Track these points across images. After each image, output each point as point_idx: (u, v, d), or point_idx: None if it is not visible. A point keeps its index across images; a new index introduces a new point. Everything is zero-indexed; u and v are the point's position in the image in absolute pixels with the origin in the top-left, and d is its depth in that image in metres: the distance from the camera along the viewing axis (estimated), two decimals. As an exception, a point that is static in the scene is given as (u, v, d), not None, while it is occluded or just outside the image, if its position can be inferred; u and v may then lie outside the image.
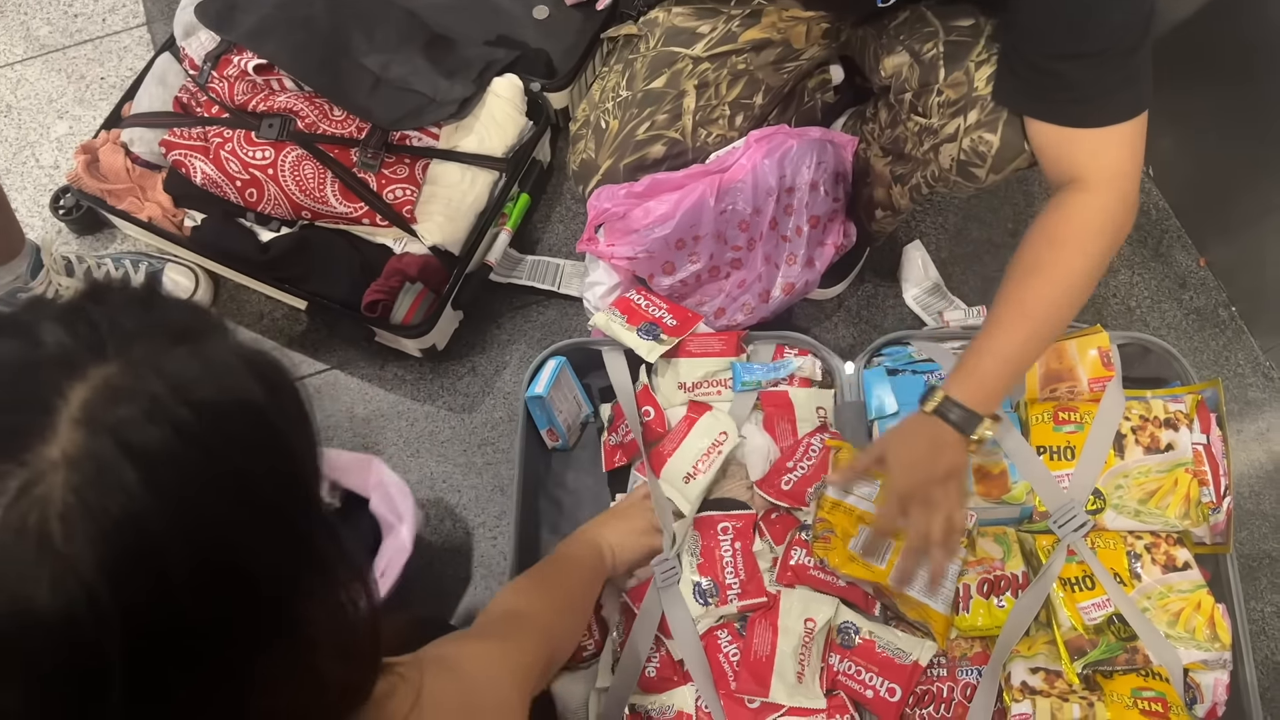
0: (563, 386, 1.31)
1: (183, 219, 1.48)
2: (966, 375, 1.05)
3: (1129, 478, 1.19)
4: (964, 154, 1.13)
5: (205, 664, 0.41)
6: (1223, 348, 1.47)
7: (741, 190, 1.27)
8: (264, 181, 1.40)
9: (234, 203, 1.44)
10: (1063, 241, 1.02)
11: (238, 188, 1.42)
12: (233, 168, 1.40)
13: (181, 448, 0.40)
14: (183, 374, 0.41)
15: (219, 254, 1.43)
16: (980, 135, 1.10)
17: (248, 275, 1.44)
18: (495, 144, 1.48)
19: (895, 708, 1.11)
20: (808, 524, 1.21)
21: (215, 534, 0.40)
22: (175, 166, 1.43)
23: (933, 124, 1.16)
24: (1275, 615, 1.32)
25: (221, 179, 1.41)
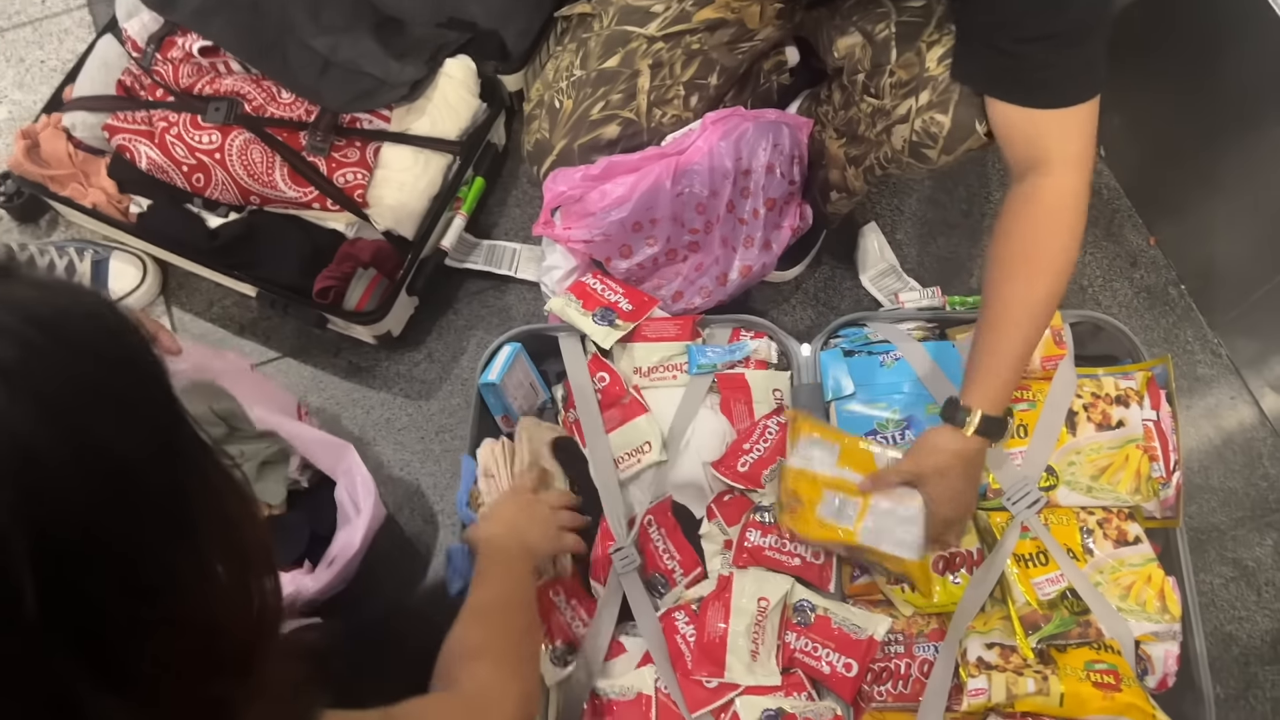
0: (517, 373, 1.31)
1: (128, 205, 1.45)
2: (988, 385, 1.06)
3: (1081, 454, 1.21)
4: (916, 135, 1.13)
5: (109, 562, 0.42)
6: (1172, 325, 1.50)
7: (698, 173, 1.27)
8: (211, 166, 1.38)
9: (180, 188, 1.41)
10: (1048, 231, 1.03)
11: (184, 173, 1.39)
12: (179, 152, 1.38)
13: (34, 355, 0.42)
14: (16, 297, 0.44)
15: (166, 241, 1.41)
16: (932, 116, 1.11)
17: (196, 262, 1.41)
18: (448, 127, 1.46)
19: (852, 683, 1.12)
20: (763, 505, 1.22)
21: (83, 423, 0.42)
22: (119, 151, 1.40)
23: (885, 105, 1.16)
24: (1224, 586, 1.35)
25: (167, 164, 1.38)
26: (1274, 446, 1.42)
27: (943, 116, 1.10)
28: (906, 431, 1.24)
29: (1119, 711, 1.04)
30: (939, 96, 1.10)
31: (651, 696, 1.14)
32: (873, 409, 1.26)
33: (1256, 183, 1.33)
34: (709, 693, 1.14)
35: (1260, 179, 1.32)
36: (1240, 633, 1.32)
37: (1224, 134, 1.35)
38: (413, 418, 1.46)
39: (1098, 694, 1.03)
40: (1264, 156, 1.30)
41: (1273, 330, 1.39)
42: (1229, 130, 1.34)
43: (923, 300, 1.43)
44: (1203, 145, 1.40)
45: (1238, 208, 1.38)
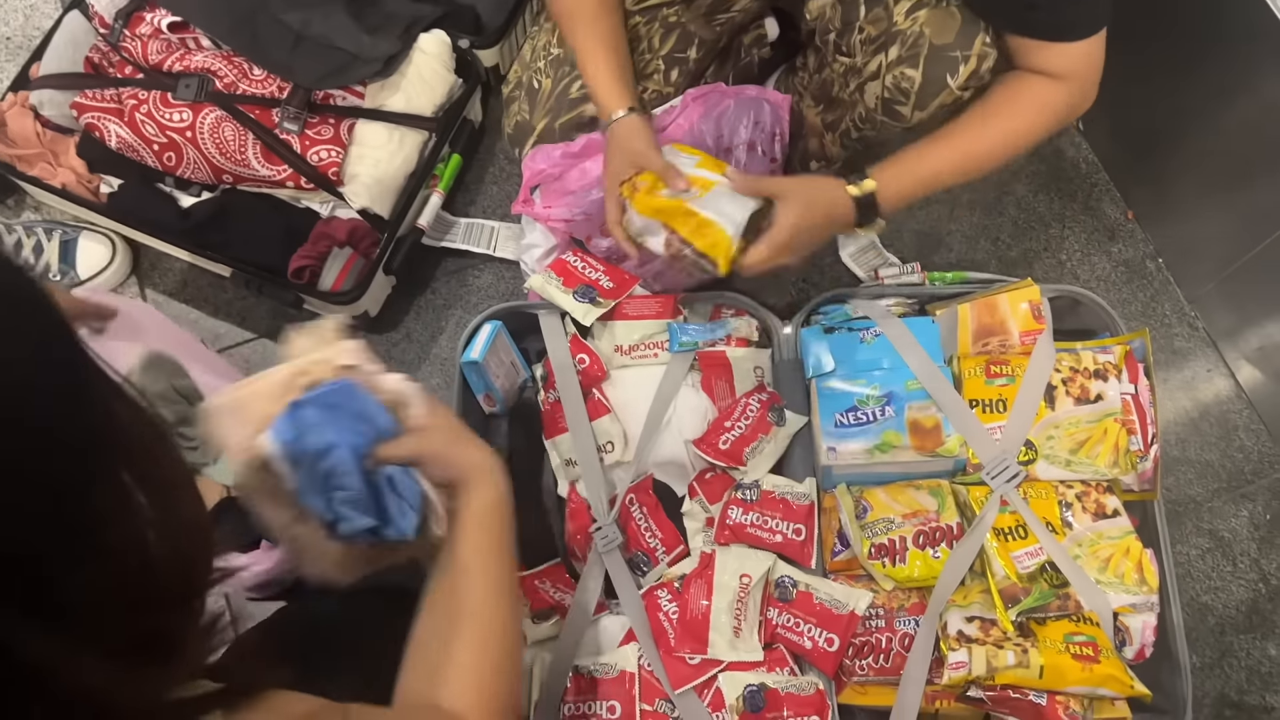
0: (498, 351, 1.30)
1: (98, 185, 1.43)
2: (895, 176, 1.09)
3: (1060, 428, 1.21)
4: (888, 91, 1.13)
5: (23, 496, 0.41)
6: (1150, 299, 1.51)
7: None
8: (182, 145, 1.36)
9: (152, 167, 1.39)
10: (1024, 103, 1.07)
11: (155, 151, 1.37)
12: (149, 130, 1.35)
13: None
14: None
15: (137, 221, 1.39)
16: (903, 71, 1.11)
17: (168, 242, 1.40)
18: (423, 103, 1.45)
19: (834, 657, 1.13)
20: (745, 483, 1.22)
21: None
22: (88, 130, 1.38)
23: (856, 63, 1.16)
24: (1200, 557, 1.37)
25: (137, 143, 1.36)
26: (1249, 419, 1.43)
27: (913, 71, 1.10)
28: (887, 407, 1.24)
29: (1098, 683, 1.05)
30: (908, 51, 1.09)
31: (635, 674, 1.15)
32: (853, 385, 1.26)
33: (1233, 157, 1.34)
34: (692, 669, 1.14)
35: (1236, 153, 1.33)
36: (1216, 602, 1.34)
37: (1200, 108, 1.36)
38: (392, 398, 1.45)
39: (1077, 666, 1.05)
40: (1239, 130, 1.31)
41: (1249, 303, 1.40)
42: (1205, 105, 1.35)
43: (903, 276, 1.44)
44: (1179, 119, 1.40)
45: (1215, 181, 1.39)
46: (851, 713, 1.18)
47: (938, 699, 1.14)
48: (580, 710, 1.13)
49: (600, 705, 1.13)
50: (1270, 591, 1.35)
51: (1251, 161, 1.31)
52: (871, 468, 1.23)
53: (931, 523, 1.19)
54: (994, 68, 1.09)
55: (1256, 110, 1.27)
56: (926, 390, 1.24)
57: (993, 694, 1.08)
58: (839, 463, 1.23)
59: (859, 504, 1.21)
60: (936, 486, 1.22)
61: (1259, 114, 1.26)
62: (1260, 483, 1.40)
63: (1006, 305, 1.27)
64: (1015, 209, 1.56)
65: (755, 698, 1.12)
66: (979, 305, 1.28)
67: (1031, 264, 1.52)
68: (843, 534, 1.20)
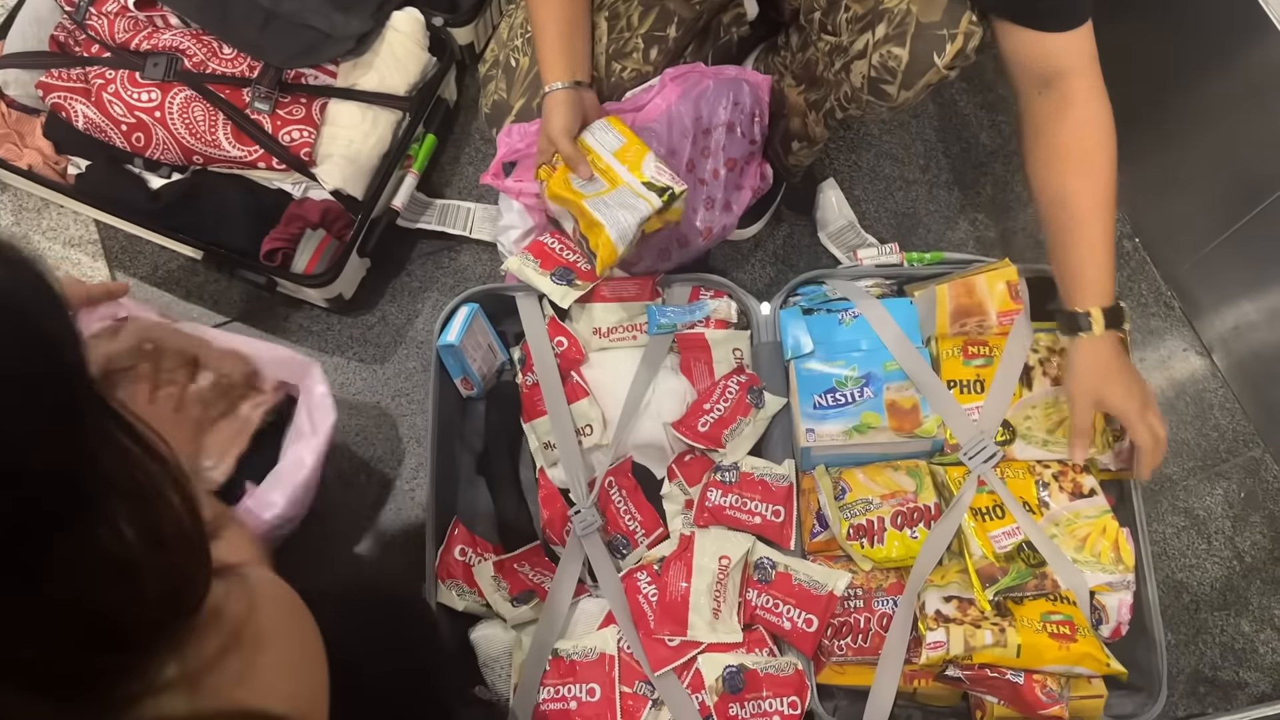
0: (476, 334, 1.29)
1: (65, 166, 1.41)
2: (1093, 280, 1.12)
3: (1037, 409, 1.22)
4: (874, 70, 1.12)
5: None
6: (1127, 278, 1.51)
7: (656, 131, 1.25)
8: (151, 125, 1.34)
9: (120, 148, 1.37)
10: (1094, 127, 1.10)
11: (123, 132, 1.35)
12: (117, 111, 1.33)
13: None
14: None
15: (106, 203, 1.36)
16: (889, 50, 1.10)
17: (138, 225, 1.37)
18: (397, 82, 1.43)
19: (813, 638, 1.14)
20: (724, 465, 1.22)
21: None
22: (55, 110, 1.35)
23: (842, 41, 1.15)
24: (1175, 535, 1.38)
25: (105, 123, 1.34)
26: (1225, 397, 1.44)
27: (900, 50, 1.09)
28: (865, 388, 1.24)
29: (1074, 661, 1.06)
30: (895, 29, 1.09)
31: (614, 656, 1.15)
32: (831, 367, 1.27)
33: (1212, 137, 1.34)
34: (671, 651, 1.15)
35: (1215, 133, 1.33)
36: (1191, 580, 1.36)
37: (1180, 89, 1.36)
38: (367, 382, 1.44)
39: (1054, 645, 1.06)
40: (1218, 111, 1.31)
41: (1225, 283, 1.41)
42: (1185, 85, 1.35)
43: (881, 257, 1.44)
44: (1159, 99, 1.40)
45: (1192, 161, 1.39)
46: (830, 692, 1.19)
47: (916, 678, 1.15)
48: (560, 693, 1.13)
49: (579, 688, 1.13)
50: (1244, 569, 1.36)
51: (1229, 142, 1.31)
52: (850, 449, 1.23)
53: (909, 503, 1.20)
54: (980, 46, 1.08)
55: (1236, 91, 1.27)
56: (904, 371, 1.24)
57: (970, 673, 1.09)
58: (818, 444, 1.23)
59: (837, 485, 1.22)
60: (914, 467, 1.23)
61: (1239, 95, 1.27)
62: (1235, 461, 1.41)
63: (984, 286, 1.28)
64: (993, 189, 1.56)
65: (734, 679, 1.13)
66: (957, 286, 1.28)
67: (1009, 244, 1.52)
68: (821, 515, 1.20)
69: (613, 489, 1.25)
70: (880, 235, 1.50)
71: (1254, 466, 1.41)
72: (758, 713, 1.13)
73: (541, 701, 1.13)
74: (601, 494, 1.23)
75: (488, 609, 1.20)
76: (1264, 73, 1.21)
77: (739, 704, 1.12)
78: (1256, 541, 1.37)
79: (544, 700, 1.13)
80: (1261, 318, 1.36)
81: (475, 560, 1.22)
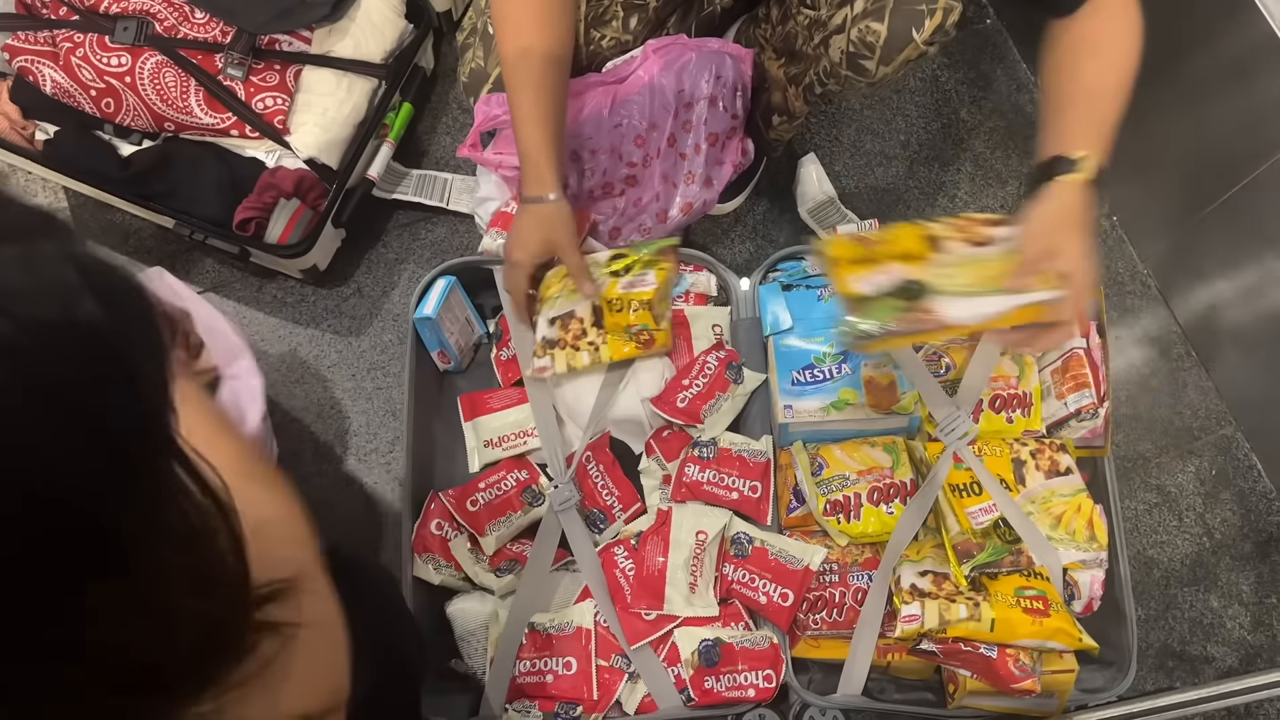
0: (453, 307, 1.29)
1: (33, 132, 1.39)
2: (1098, 134, 1.06)
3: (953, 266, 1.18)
4: (853, 45, 1.13)
5: (28, 596, 0.38)
6: (1104, 257, 1.53)
7: (638, 103, 1.25)
8: (121, 90, 1.32)
9: (89, 114, 1.35)
10: (1123, 21, 1.07)
11: (92, 97, 1.33)
12: (86, 75, 1.31)
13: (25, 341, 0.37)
14: (5, 283, 0.38)
15: (75, 170, 1.35)
16: (867, 25, 1.10)
17: (108, 192, 1.35)
18: (373, 49, 1.42)
19: (788, 611, 1.15)
20: (701, 440, 1.23)
21: (32, 458, 0.37)
22: (21, 74, 1.33)
23: (821, 16, 1.16)
24: (1147, 512, 1.41)
25: (74, 88, 1.32)
26: (1198, 376, 1.47)
27: (878, 25, 1.10)
28: (843, 365, 1.25)
29: (1047, 636, 1.08)
30: (874, 4, 1.09)
31: (591, 630, 1.16)
32: (810, 343, 1.27)
33: (1189, 117, 1.36)
34: (648, 624, 1.16)
35: (1192, 113, 1.35)
36: (1161, 556, 1.39)
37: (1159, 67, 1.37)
38: (343, 354, 1.44)
39: (1027, 619, 1.08)
40: (1196, 90, 1.33)
41: (1200, 263, 1.43)
42: (1164, 64, 1.36)
43: (860, 232, 1.44)
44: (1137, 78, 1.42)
45: (1170, 141, 1.41)
46: (805, 665, 1.21)
47: (890, 652, 1.17)
48: (536, 666, 1.14)
49: (556, 661, 1.15)
50: (1214, 545, 1.39)
51: (1207, 123, 1.33)
52: (827, 425, 1.24)
53: (886, 479, 1.21)
54: (959, 21, 1.09)
55: (1215, 72, 1.29)
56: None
57: (944, 647, 1.11)
58: (796, 420, 1.24)
59: (814, 461, 1.23)
60: (891, 443, 1.24)
61: (1218, 76, 1.28)
62: (1206, 439, 1.44)
63: (962, 261, 1.29)
64: (972, 165, 1.57)
65: (710, 652, 1.15)
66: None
67: (989, 222, 1.54)
68: (799, 490, 1.22)
69: (590, 464, 1.25)
70: (860, 211, 1.51)
71: (1225, 445, 1.44)
72: (733, 685, 1.14)
73: (518, 674, 1.14)
74: (579, 469, 1.24)
75: (465, 582, 1.21)
76: (1244, 54, 1.23)
77: (714, 677, 1.14)
78: (1226, 519, 1.41)
79: (521, 673, 1.14)
80: (1236, 297, 1.39)
81: (451, 534, 1.23)
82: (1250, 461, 1.43)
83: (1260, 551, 1.39)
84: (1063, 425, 1.23)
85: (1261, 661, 1.34)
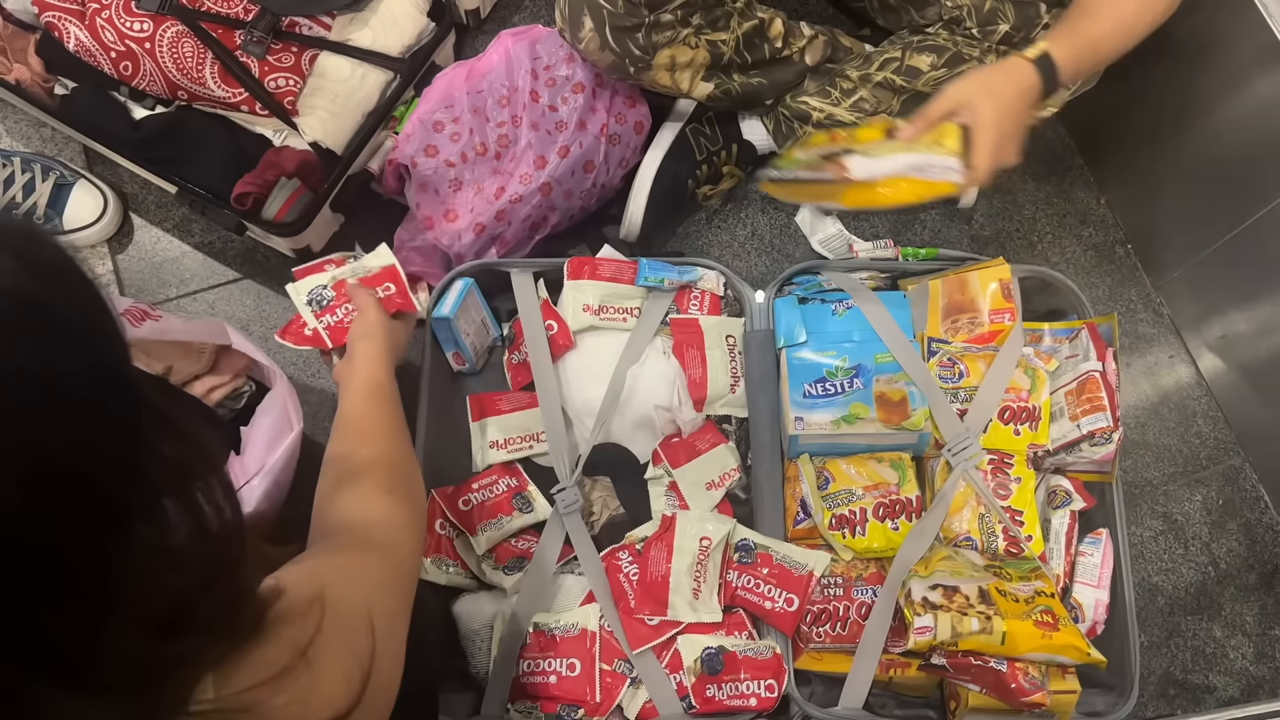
0: (469, 309, 1.34)
1: (53, 86, 1.46)
2: (1070, 39, 1.13)
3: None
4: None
5: (40, 570, 0.42)
6: (1117, 284, 1.60)
7: (496, 73, 1.37)
8: (140, 55, 1.38)
9: (108, 74, 1.42)
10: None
11: (112, 59, 1.39)
12: (108, 37, 1.38)
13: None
14: None
15: (86, 126, 1.42)
16: None
17: (115, 152, 1.42)
18: (391, 42, 1.46)
19: (793, 617, 1.21)
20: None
21: (13, 436, 0.41)
22: (49, 29, 1.40)
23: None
24: (1153, 539, 1.47)
25: (95, 48, 1.39)
26: (1208, 405, 1.54)
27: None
28: (855, 379, 1.30)
29: (1056, 650, 1.13)
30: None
31: (595, 633, 1.21)
32: (822, 356, 1.32)
33: (1208, 150, 1.42)
34: (651, 630, 1.21)
35: (1212, 146, 1.41)
36: (1166, 584, 1.45)
37: (1180, 101, 1.44)
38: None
39: (1037, 633, 1.12)
40: (1217, 125, 1.39)
41: (1213, 292, 1.50)
42: (1185, 98, 1.43)
43: (875, 250, 1.50)
44: (1158, 111, 1.48)
45: (1187, 172, 1.47)
46: (807, 678, 1.26)
47: (892, 667, 1.21)
48: (540, 666, 1.19)
49: (559, 662, 1.19)
50: (1219, 575, 1.46)
51: (1226, 156, 1.39)
52: (837, 438, 1.29)
53: (892, 495, 1.27)
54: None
55: (1236, 107, 1.35)
56: (898, 362, 1.30)
57: (954, 660, 1.15)
58: (806, 432, 1.28)
59: (821, 475, 1.28)
60: (898, 459, 1.30)
61: (1239, 111, 1.35)
62: (1214, 469, 1.51)
63: (977, 283, 1.35)
64: (989, 190, 1.63)
65: (713, 660, 1.19)
66: (950, 282, 1.36)
67: (1003, 244, 1.60)
68: (804, 503, 1.27)
69: None
70: (875, 233, 1.57)
71: (1233, 475, 1.51)
72: (734, 694, 1.19)
73: (521, 674, 1.18)
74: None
75: (472, 580, 1.26)
76: (1265, 89, 1.29)
77: (716, 685, 1.19)
78: (1232, 549, 1.47)
79: (523, 673, 1.18)
80: (1248, 329, 1.46)
81: (454, 533, 1.27)
82: (1258, 493, 1.51)
83: (1265, 583, 1.46)
84: (1075, 447, 1.29)
85: (1263, 693, 1.41)
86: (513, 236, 1.39)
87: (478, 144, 1.36)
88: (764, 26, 1.36)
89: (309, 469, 1.34)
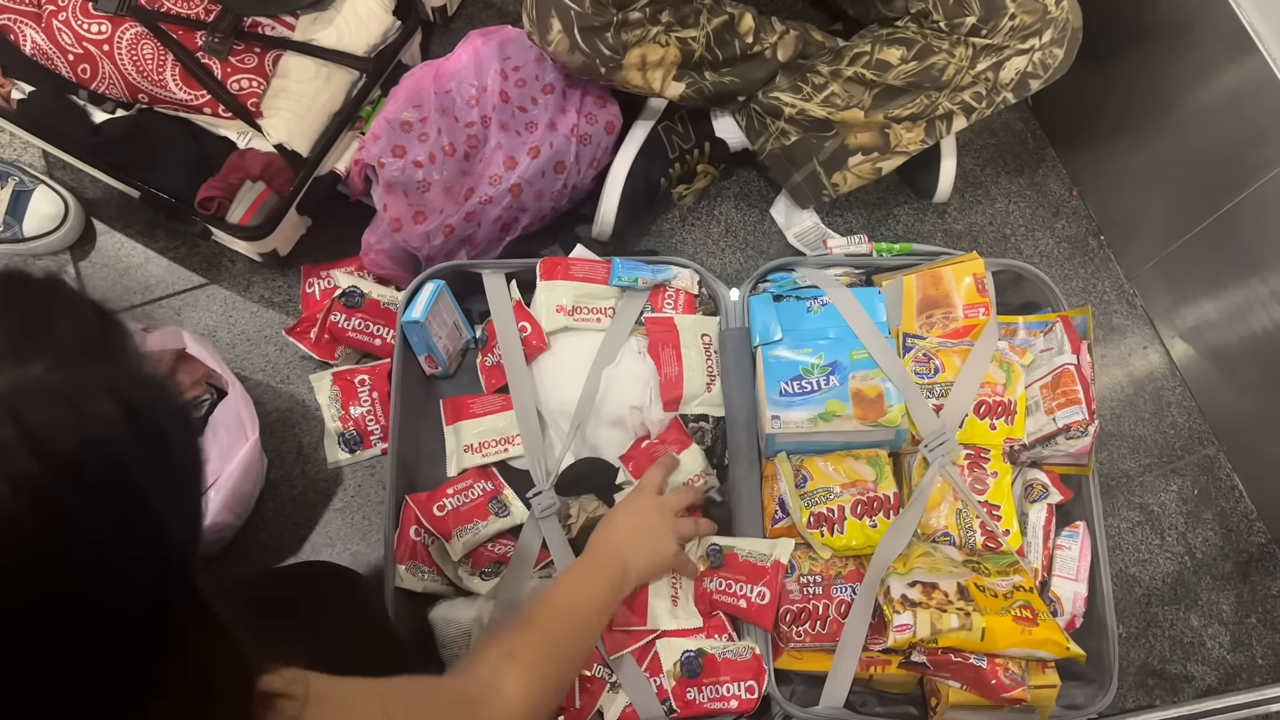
0: (441, 311, 1.34)
1: (10, 90, 1.44)
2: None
3: None
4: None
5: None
6: (1090, 275, 1.62)
7: (464, 72, 1.37)
8: (98, 58, 1.37)
9: (65, 78, 1.41)
10: None
11: (70, 62, 1.38)
12: (65, 39, 1.36)
13: (16, 507, 0.37)
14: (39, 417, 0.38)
15: (46, 132, 1.40)
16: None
17: (75, 157, 1.41)
18: (356, 42, 1.46)
19: (770, 610, 1.22)
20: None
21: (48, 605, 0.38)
22: (3, 32, 1.39)
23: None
24: (1130, 530, 1.49)
25: (53, 50, 1.37)
26: (1182, 396, 1.56)
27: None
28: (831, 376, 1.31)
29: (1036, 645, 1.15)
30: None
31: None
32: (798, 354, 1.33)
33: (1179, 141, 1.44)
34: (630, 636, 1.22)
35: (1183, 137, 1.44)
36: (1143, 575, 1.48)
37: (1151, 92, 1.46)
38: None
39: (1016, 628, 1.14)
40: (1188, 115, 1.41)
41: (1186, 282, 1.53)
42: (1156, 89, 1.45)
43: (850, 246, 1.51)
44: (1130, 101, 1.50)
45: (1159, 163, 1.50)
46: (787, 677, 1.27)
47: (873, 665, 1.23)
48: (518, 673, 1.19)
49: (538, 668, 1.19)
50: (1195, 564, 1.48)
51: (1197, 146, 1.41)
52: (814, 436, 1.30)
53: (869, 492, 1.28)
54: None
55: (1206, 97, 1.37)
56: (874, 358, 1.31)
57: (934, 657, 1.17)
58: (783, 431, 1.29)
59: (798, 473, 1.29)
60: (875, 456, 1.31)
61: (1209, 101, 1.37)
62: (1190, 459, 1.53)
63: (951, 278, 1.36)
64: (962, 183, 1.64)
65: (693, 663, 1.20)
66: (924, 277, 1.37)
67: (976, 238, 1.62)
68: (783, 501, 1.28)
69: None
70: (849, 228, 1.59)
71: (1208, 464, 1.54)
72: (715, 697, 1.20)
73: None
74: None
75: (449, 587, 1.26)
76: (1233, 79, 1.31)
77: (696, 688, 1.20)
78: (1208, 538, 1.50)
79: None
80: (1221, 318, 1.48)
81: (429, 539, 1.27)
82: (1232, 481, 1.53)
83: (1240, 571, 1.48)
84: (1051, 441, 1.30)
85: (1240, 681, 1.43)
86: (483, 238, 1.39)
87: (446, 144, 1.35)
88: (734, 22, 1.36)
89: (275, 479, 1.37)
